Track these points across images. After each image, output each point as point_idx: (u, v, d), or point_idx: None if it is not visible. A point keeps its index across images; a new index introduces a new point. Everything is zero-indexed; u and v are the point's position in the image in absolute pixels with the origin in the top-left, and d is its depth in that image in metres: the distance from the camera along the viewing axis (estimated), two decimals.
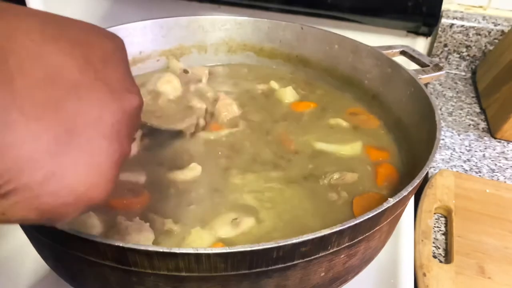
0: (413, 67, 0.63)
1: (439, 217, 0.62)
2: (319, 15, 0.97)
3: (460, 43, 1.01)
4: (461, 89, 0.97)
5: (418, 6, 0.91)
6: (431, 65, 0.63)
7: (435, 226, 0.61)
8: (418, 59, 0.66)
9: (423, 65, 0.64)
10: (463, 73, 1.03)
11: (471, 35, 0.99)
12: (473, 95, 0.94)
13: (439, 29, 1.00)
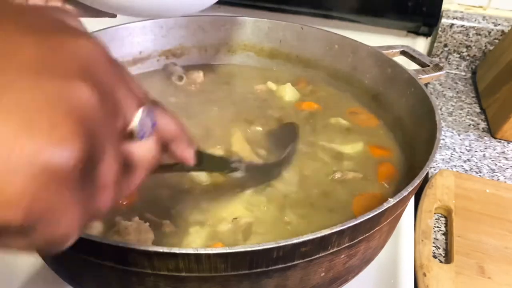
0: (413, 67, 0.63)
1: (439, 217, 0.62)
2: (319, 15, 0.97)
3: (460, 43, 1.01)
4: (461, 89, 0.97)
5: (418, 6, 0.91)
6: (431, 65, 0.63)
7: (435, 226, 0.61)
8: (418, 59, 0.66)
9: (423, 65, 0.64)
10: (463, 73, 1.03)
11: (471, 35, 0.99)
12: (473, 95, 0.94)
13: (439, 29, 1.00)
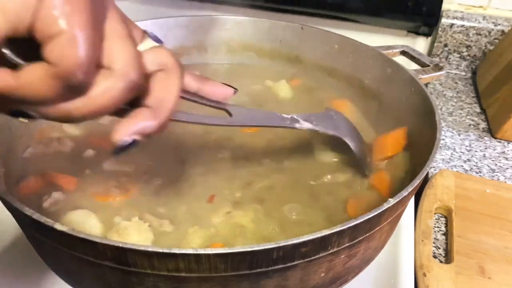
0: (413, 67, 0.63)
1: (439, 217, 0.62)
2: (319, 15, 0.97)
3: (460, 43, 1.00)
4: (461, 89, 0.97)
5: (418, 6, 0.91)
6: (431, 65, 0.63)
7: (435, 226, 0.61)
8: (418, 59, 0.66)
9: (423, 65, 0.64)
10: (463, 73, 1.03)
11: (471, 35, 0.99)
12: (473, 95, 0.94)
13: (439, 29, 1.00)
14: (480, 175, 0.70)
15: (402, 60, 0.65)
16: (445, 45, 1.01)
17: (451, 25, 0.99)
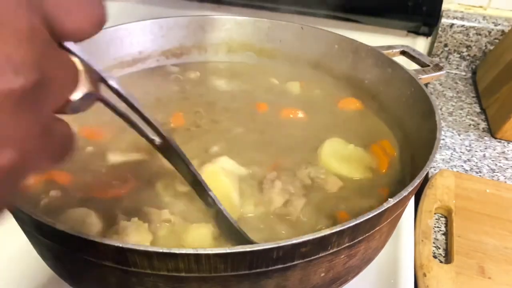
0: (413, 67, 0.63)
1: (439, 217, 0.62)
2: (319, 15, 0.97)
3: (460, 43, 1.00)
4: (461, 89, 0.97)
5: (418, 6, 0.91)
6: (431, 65, 0.63)
7: (435, 226, 0.61)
8: (418, 59, 0.66)
9: (423, 65, 0.64)
10: (463, 73, 1.03)
11: (471, 35, 0.99)
12: (473, 95, 0.94)
13: (439, 29, 1.00)
14: (480, 175, 0.70)
15: (402, 60, 0.65)
16: (445, 45, 1.01)
17: (451, 25, 0.99)
